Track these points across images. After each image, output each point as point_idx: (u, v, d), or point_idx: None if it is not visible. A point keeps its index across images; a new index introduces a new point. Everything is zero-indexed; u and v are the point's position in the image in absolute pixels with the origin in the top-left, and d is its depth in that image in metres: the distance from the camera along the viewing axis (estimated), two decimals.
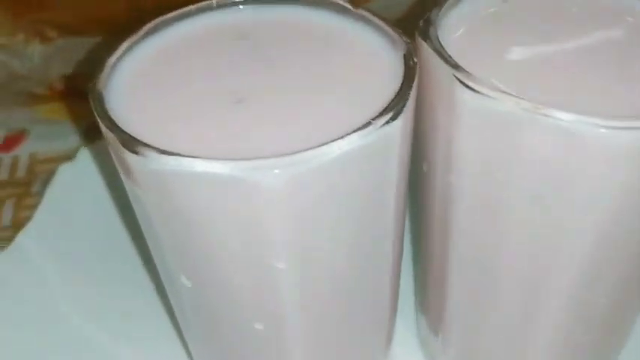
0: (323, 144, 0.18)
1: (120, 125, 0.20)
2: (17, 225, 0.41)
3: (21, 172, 0.45)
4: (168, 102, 0.21)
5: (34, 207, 0.41)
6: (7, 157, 0.46)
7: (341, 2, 0.24)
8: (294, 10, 0.25)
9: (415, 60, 0.21)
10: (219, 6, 0.25)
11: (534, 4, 0.26)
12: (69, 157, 0.47)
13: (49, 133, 0.48)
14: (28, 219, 0.41)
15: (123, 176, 0.21)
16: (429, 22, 0.23)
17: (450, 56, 0.21)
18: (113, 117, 0.20)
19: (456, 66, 0.21)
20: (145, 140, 0.19)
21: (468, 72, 0.21)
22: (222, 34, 0.24)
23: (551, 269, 0.24)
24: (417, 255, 0.33)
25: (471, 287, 0.27)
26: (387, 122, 0.19)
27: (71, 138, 0.48)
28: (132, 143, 0.19)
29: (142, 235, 0.24)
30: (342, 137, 0.18)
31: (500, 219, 0.23)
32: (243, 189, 0.18)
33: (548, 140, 0.20)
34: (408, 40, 0.22)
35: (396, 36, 0.22)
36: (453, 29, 0.24)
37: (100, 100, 0.21)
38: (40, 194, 0.43)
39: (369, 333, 0.27)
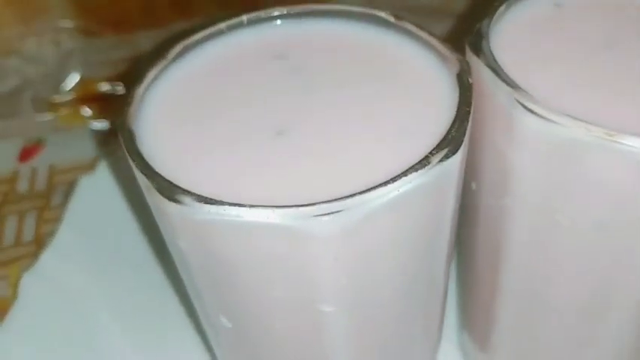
0: (376, 186, 0.16)
1: (154, 166, 0.18)
2: (39, 240, 0.40)
3: (40, 185, 0.44)
4: (203, 137, 0.20)
5: (55, 220, 0.40)
6: (25, 168, 0.45)
7: (384, 15, 0.22)
8: (332, 24, 0.23)
9: (471, 80, 0.20)
10: (251, 22, 0.23)
11: (590, 6, 0.24)
12: (88, 166, 0.45)
13: (67, 141, 0.47)
14: (50, 234, 0.40)
15: (157, 219, 0.19)
16: (480, 35, 0.21)
17: (507, 75, 0.20)
18: (146, 157, 0.18)
19: (516, 87, 0.19)
20: (182, 184, 0.17)
21: (529, 94, 0.19)
22: (258, 54, 0.22)
23: (611, 300, 0.22)
24: (460, 270, 0.32)
25: (521, 312, 0.25)
26: (446, 157, 0.17)
27: (89, 145, 0.47)
28: (171, 190, 0.17)
29: (167, 248, 0.23)
30: (397, 178, 0.17)
31: (559, 246, 0.21)
32: (293, 237, 0.17)
33: (619, 167, 0.18)
34: (461, 57, 0.20)
35: (446, 52, 0.21)
36: (506, 41, 0.22)
37: (131, 139, 0.19)
38: (61, 207, 0.42)
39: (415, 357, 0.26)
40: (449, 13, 0.52)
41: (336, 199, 0.16)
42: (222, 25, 0.23)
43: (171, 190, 0.17)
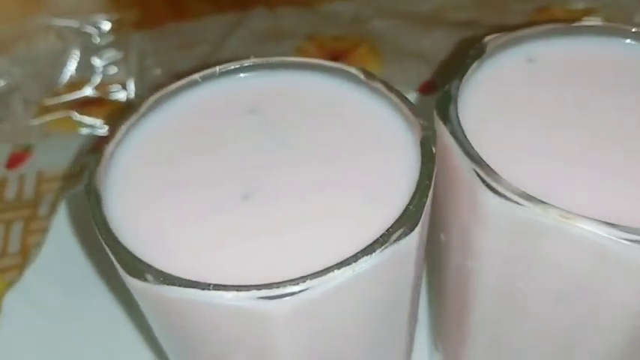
0: (330, 268, 0.17)
1: (119, 234, 0.18)
2: (25, 251, 0.41)
3: (28, 193, 0.44)
4: (169, 203, 0.20)
5: (41, 232, 0.41)
6: (13, 175, 0.46)
7: (354, 72, 0.22)
8: (304, 77, 0.23)
9: (434, 150, 0.20)
10: (223, 74, 0.23)
11: (562, 61, 0.24)
12: (77, 174, 0.46)
13: (56, 147, 0.47)
14: (35, 244, 0.40)
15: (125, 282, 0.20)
16: (448, 98, 0.21)
17: (471, 146, 0.20)
18: (112, 224, 0.19)
19: (479, 162, 0.19)
20: (146, 256, 0.18)
21: (492, 170, 0.19)
22: (230, 108, 0.23)
23: (575, 351, 0.22)
24: (431, 293, 0.32)
25: (489, 351, 0.26)
26: (403, 234, 0.18)
27: (79, 152, 0.47)
28: (133, 267, 0.17)
29: None
30: (351, 260, 0.17)
31: (522, 308, 0.22)
32: (249, 316, 0.17)
33: (576, 249, 0.18)
34: (426, 124, 0.21)
35: (411, 117, 0.21)
36: (475, 103, 0.22)
37: (98, 202, 0.19)
38: (47, 218, 0.42)
39: None
40: (445, 22, 0.52)
41: (290, 281, 0.17)
42: (196, 76, 0.23)
43: (133, 267, 0.17)
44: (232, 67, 0.23)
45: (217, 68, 0.23)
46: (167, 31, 0.55)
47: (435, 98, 0.21)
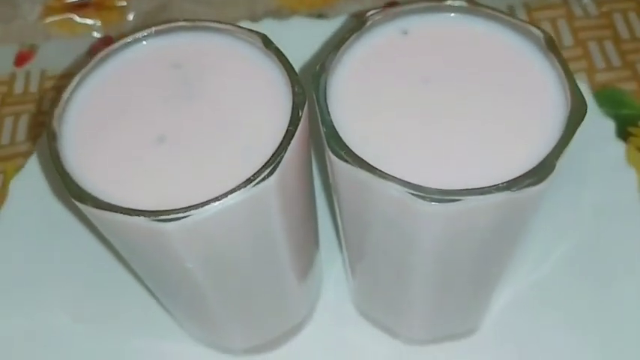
0: (205, 202, 0.24)
1: (68, 166, 0.26)
2: (31, 141, 0.49)
3: (33, 90, 0.52)
4: (106, 139, 0.27)
5: (44, 125, 0.48)
6: (20, 72, 0.53)
7: (253, 37, 0.29)
8: (222, 39, 0.29)
9: (300, 114, 0.26)
10: (158, 32, 0.30)
11: (430, 35, 0.29)
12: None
13: (57, 48, 0.54)
14: (40, 136, 0.48)
15: None
16: (323, 69, 0.28)
17: (328, 113, 0.26)
18: (62, 157, 0.26)
19: (329, 126, 0.26)
20: (85, 183, 0.25)
21: (337, 135, 0.26)
22: (159, 63, 0.29)
23: (407, 262, 0.30)
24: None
25: (355, 262, 0.34)
26: (264, 179, 0.25)
27: (76, 53, 0.53)
28: (76, 193, 0.25)
29: None
30: (221, 196, 0.24)
31: (366, 233, 0.30)
32: (152, 232, 0.25)
33: (389, 201, 0.25)
34: (300, 91, 0.27)
35: (288, 84, 0.27)
36: (345, 74, 0.28)
37: (54, 139, 0.27)
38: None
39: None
40: None
41: (176, 210, 0.24)
42: (137, 35, 0.29)
43: (76, 193, 0.25)
44: (163, 28, 0.29)
45: (153, 29, 0.29)
46: None
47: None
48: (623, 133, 0.45)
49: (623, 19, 0.51)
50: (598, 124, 0.43)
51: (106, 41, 0.53)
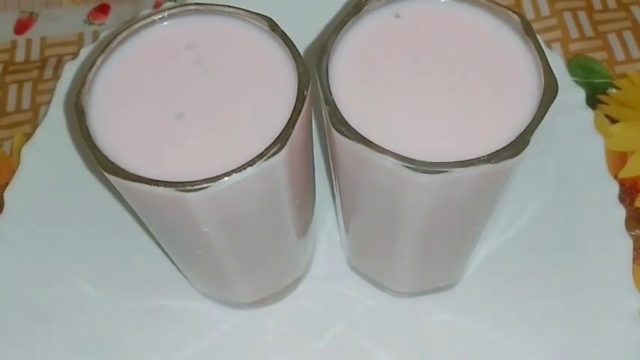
0: (224, 174, 0.27)
1: (97, 140, 0.29)
2: (35, 109, 0.51)
3: (34, 57, 0.54)
4: (129, 116, 0.30)
5: (48, 92, 0.51)
6: (21, 40, 0.55)
7: (261, 21, 0.31)
8: (231, 22, 0.32)
9: (305, 93, 0.29)
10: (170, 16, 0.32)
11: (422, 19, 0.32)
12: (74, 42, 0.55)
13: (56, 15, 0.55)
14: (44, 104, 0.51)
15: None
16: (324, 50, 0.31)
17: (330, 93, 0.29)
18: (91, 132, 0.29)
19: (332, 105, 0.29)
20: (114, 156, 0.28)
21: (339, 113, 0.29)
22: (173, 44, 0.32)
23: (397, 224, 0.33)
24: None
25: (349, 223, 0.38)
26: (275, 153, 0.28)
27: (79, 20, 0.55)
28: (105, 165, 0.28)
29: None
30: (238, 169, 0.27)
31: (360, 197, 0.33)
32: (175, 201, 0.28)
33: (383, 170, 0.29)
34: (304, 72, 0.30)
35: (293, 65, 0.30)
36: (344, 55, 0.31)
37: (82, 115, 0.30)
38: (52, 80, 0.52)
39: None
40: None
41: (196, 181, 0.27)
42: (153, 17, 0.32)
43: (105, 164, 0.28)
44: (176, 11, 0.32)
45: (166, 12, 0.32)
46: None
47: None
48: (593, 101, 0.49)
49: None
50: (569, 93, 0.46)
51: (102, 9, 0.55)
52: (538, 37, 0.31)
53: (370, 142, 0.28)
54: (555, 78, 0.30)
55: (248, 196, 0.29)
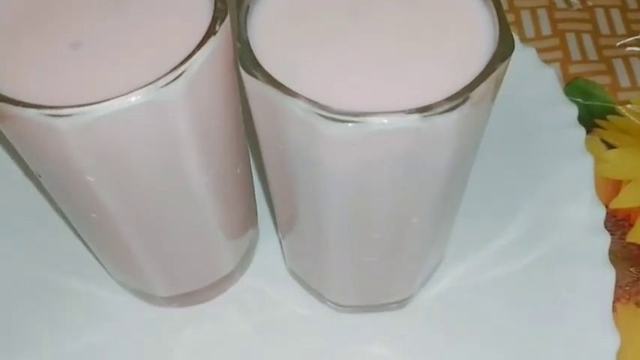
0: (103, 100, 0.23)
1: None
2: None
3: None
4: (18, 46, 0.26)
5: None
6: None
7: None
8: None
9: (217, 28, 0.25)
10: None
11: None
12: None
13: None
14: None
15: None
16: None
17: (245, 30, 0.25)
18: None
19: (244, 42, 0.25)
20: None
21: (250, 50, 0.25)
22: None
23: (322, 205, 0.28)
24: None
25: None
26: (168, 83, 0.24)
27: None
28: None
29: None
30: (121, 95, 0.23)
31: (286, 165, 0.28)
32: (47, 133, 0.24)
33: (297, 123, 0.24)
34: (222, 7, 0.26)
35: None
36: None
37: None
38: None
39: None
40: None
41: (71, 106, 0.23)
42: None
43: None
44: None
45: None
46: None
47: None
48: (590, 124, 0.44)
49: (605, 15, 0.50)
50: (560, 108, 0.41)
51: None
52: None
53: (280, 83, 0.24)
54: (512, 39, 0.25)
55: (136, 137, 0.25)
